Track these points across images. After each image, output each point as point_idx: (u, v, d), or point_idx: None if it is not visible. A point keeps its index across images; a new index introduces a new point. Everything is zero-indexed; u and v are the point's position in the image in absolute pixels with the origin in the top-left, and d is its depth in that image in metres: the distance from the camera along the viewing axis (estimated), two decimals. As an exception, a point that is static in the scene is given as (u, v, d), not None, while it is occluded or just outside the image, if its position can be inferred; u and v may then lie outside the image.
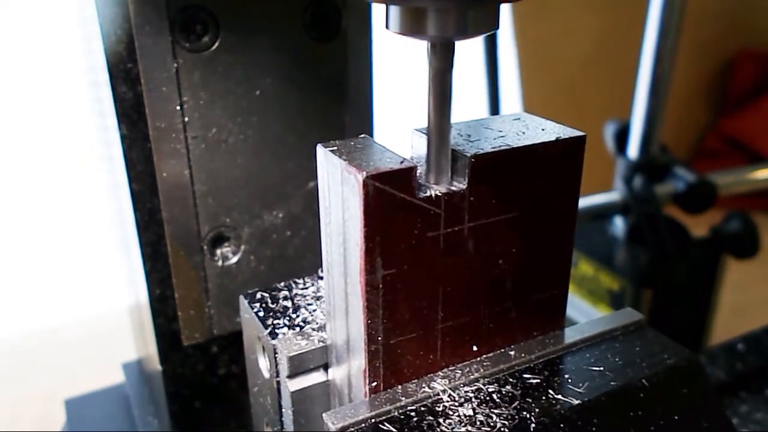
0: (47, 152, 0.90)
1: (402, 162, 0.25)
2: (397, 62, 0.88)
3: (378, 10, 0.31)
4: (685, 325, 0.84)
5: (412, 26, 0.25)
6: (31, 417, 0.73)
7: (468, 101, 0.92)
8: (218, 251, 0.39)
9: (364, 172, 0.24)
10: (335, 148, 0.26)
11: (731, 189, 0.83)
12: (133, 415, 0.49)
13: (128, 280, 0.48)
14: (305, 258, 0.42)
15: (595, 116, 0.90)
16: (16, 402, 0.77)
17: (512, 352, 0.30)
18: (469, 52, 0.87)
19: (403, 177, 0.25)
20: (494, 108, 0.83)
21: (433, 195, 0.26)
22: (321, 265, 0.29)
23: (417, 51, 0.33)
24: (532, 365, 0.29)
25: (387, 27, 0.26)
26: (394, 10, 0.25)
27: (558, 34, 1.27)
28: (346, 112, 0.40)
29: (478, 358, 0.30)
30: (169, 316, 0.39)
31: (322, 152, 0.27)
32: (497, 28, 0.26)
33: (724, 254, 0.80)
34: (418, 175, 0.25)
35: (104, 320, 0.89)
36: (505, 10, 1.13)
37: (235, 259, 0.40)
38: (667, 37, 0.73)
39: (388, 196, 0.25)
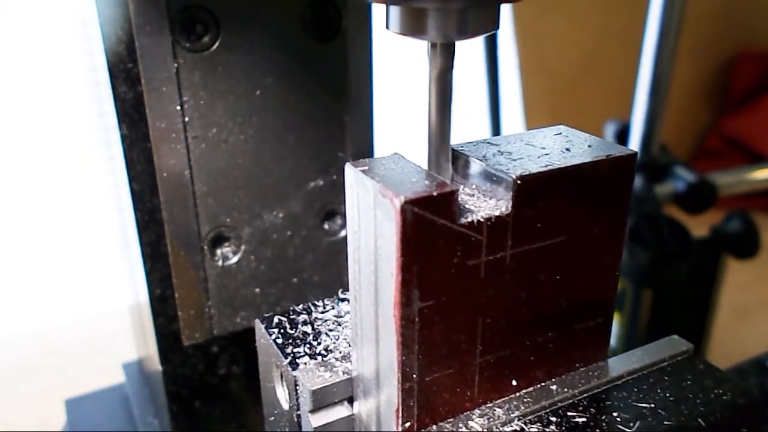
0: (47, 152, 0.90)
1: (442, 185, 0.23)
2: (398, 62, 0.88)
3: (378, 10, 0.31)
4: (685, 326, 0.84)
5: (413, 26, 0.25)
6: (31, 417, 0.73)
7: (468, 101, 0.92)
8: (218, 251, 0.39)
9: (402, 197, 0.22)
10: (366, 167, 0.24)
11: (731, 189, 0.83)
12: (134, 415, 0.49)
13: (129, 280, 0.48)
14: (305, 258, 0.42)
15: (595, 116, 0.90)
16: (16, 402, 0.77)
17: (554, 387, 0.28)
18: (469, 52, 0.87)
19: (444, 201, 0.23)
20: (494, 108, 0.83)
21: (475, 221, 0.24)
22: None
23: (417, 51, 0.33)
24: (576, 401, 0.27)
25: (387, 27, 0.26)
26: (395, 10, 0.25)
27: (559, 34, 1.27)
28: (346, 112, 0.40)
29: (518, 394, 0.27)
30: (169, 316, 0.39)
31: (351, 172, 0.25)
32: (497, 28, 0.26)
33: (725, 254, 0.80)
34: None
35: (105, 320, 0.89)
36: (505, 10, 1.13)
37: (235, 259, 0.40)
38: (667, 37, 0.73)
39: (428, 222, 0.22)
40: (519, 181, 0.24)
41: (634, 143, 0.79)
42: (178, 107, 0.35)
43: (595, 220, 0.27)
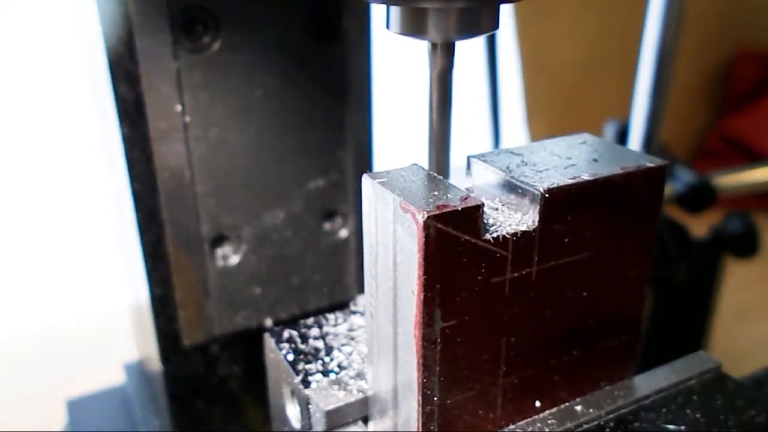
0: (48, 152, 0.90)
1: (466, 198, 0.22)
2: (398, 62, 0.88)
3: (378, 10, 0.31)
4: (686, 326, 0.84)
5: (413, 27, 0.25)
6: (32, 417, 0.73)
7: (469, 101, 0.92)
8: (219, 251, 0.39)
9: (425, 212, 0.21)
10: (384, 179, 0.23)
11: (731, 189, 0.83)
12: (135, 416, 0.49)
13: (129, 280, 0.48)
14: (305, 258, 0.42)
15: (596, 116, 0.90)
16: (17, 402, 0.77)
17: (579, 407, 0.27)
18: (469, 52, 0.87)
19: (469, 216, 0.21)
20: (495, 108, 0.83)
21: (500, 236, 0.22)
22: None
23: (418, 51, 0.33)
24: (602, 422, 0.26)
25: (387, 27, 0.26)
26: (395, 10, 0.25)
27: (559, 34, 1.27)
28: (346, 112, 0.40)
29: (542, 415, 0.27)
30: (169, 317, 0.39)
31: (369, 184, 0.23)
32: (497, 28, 0.26)
33: (725, 254, 0.80)
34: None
35: (105, 320, 0.89)
36: (506, 10, 1.13)
37: (235, 259, 0.40)
38: (667, 37, 0.73)
39: (452, 238, 0.21)
40: (546, 195, 0.23)
41: (634, 143, 0.79)
42: (179, 107, 0.35)
43: (623, 233, 0.26)
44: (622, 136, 0.81)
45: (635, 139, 0.79)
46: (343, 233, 0.42)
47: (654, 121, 0.77)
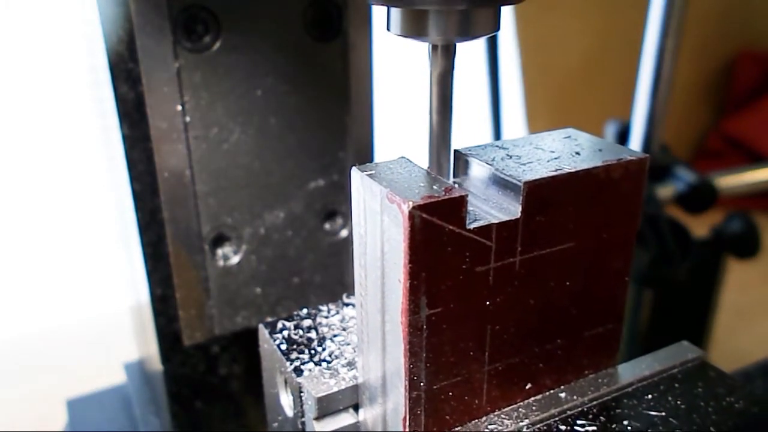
0: (48, 152, 0.90)
1: (450, 189, 0.22)
2: (398, 62, 0.88)
3: (379, 11, 0.31)
4: (686, 326, 0.84)
5: (414, 28, 0.25)
6: (32, 417, 0.73)
7: (469, 102, 0.92)
8: (219, 251, 0.39)
9: (410, 202, 0.21)
10: (372, 171, 0.24)
11: (732, 189, 0.83)
12: (135, 415, 0.49)
13: (130, 280, 0.48)
14: (306, 258, 0.42)
15: (596, 116, 0.90)
16: (17, 402, 0.77)
17: (563, 394, 0.27)
18: (470, 53, 0.87)
19: (453, 207, 0.22)
20: (495, 109, 0.83)
21: (484, 226, 0.23)
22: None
23: (418, 52, 0.33)
24: (585, 409, 0.27)
25: (388, 29, 0.26)
26: (395, 12, 0.25)
27: (560, 34, 1.27)
28: (346, 112, 0.40)
29: (526, 402, 0.27)
30: (170, 316, 0.39)
31: (358, 176, 0.24)
32: (498, 29, 0.26)
33: (725, 254, 0.80)
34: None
35: (106, 320, 0.89)
36: (506, 11, 1.13)
37: (236, 259, 0.40)
38: (668, 36, 0.73)
39: (436, 228, 0.22)
40: (529, 186, 0.24)
41: (635, 143, 0.79)
42: (179, 107, 0.35)
43: (605, 225, 0.26)
44: (623, 136, 0.81)
45: (636, 139, 0.79)
46: (344, 233, 0.42)
47: (654, 121, 0.77)
